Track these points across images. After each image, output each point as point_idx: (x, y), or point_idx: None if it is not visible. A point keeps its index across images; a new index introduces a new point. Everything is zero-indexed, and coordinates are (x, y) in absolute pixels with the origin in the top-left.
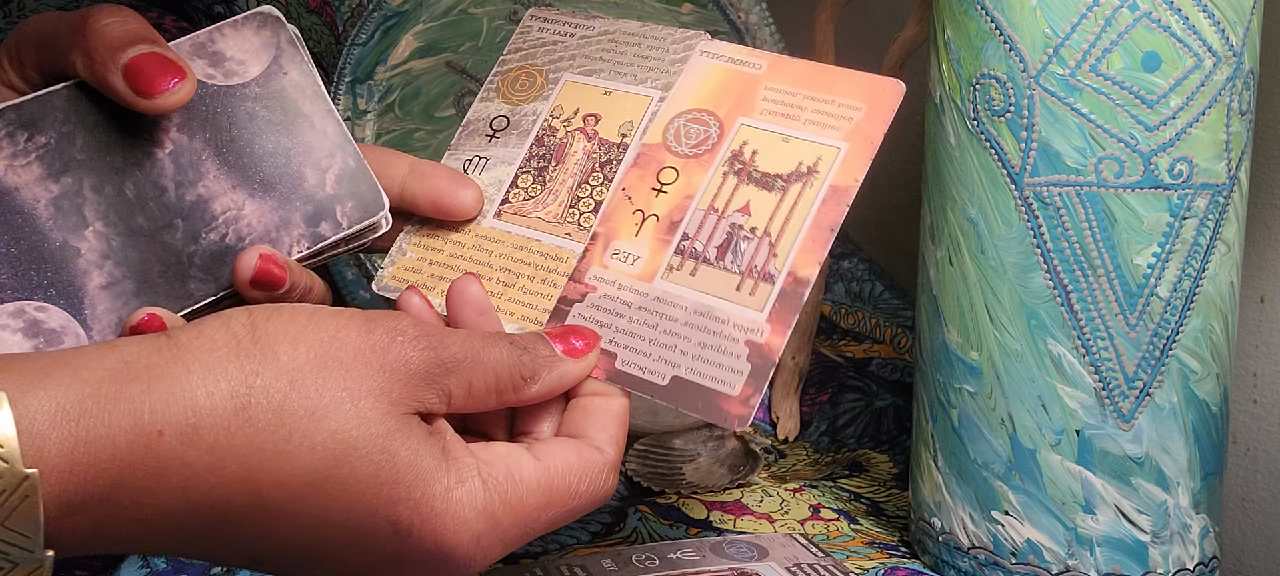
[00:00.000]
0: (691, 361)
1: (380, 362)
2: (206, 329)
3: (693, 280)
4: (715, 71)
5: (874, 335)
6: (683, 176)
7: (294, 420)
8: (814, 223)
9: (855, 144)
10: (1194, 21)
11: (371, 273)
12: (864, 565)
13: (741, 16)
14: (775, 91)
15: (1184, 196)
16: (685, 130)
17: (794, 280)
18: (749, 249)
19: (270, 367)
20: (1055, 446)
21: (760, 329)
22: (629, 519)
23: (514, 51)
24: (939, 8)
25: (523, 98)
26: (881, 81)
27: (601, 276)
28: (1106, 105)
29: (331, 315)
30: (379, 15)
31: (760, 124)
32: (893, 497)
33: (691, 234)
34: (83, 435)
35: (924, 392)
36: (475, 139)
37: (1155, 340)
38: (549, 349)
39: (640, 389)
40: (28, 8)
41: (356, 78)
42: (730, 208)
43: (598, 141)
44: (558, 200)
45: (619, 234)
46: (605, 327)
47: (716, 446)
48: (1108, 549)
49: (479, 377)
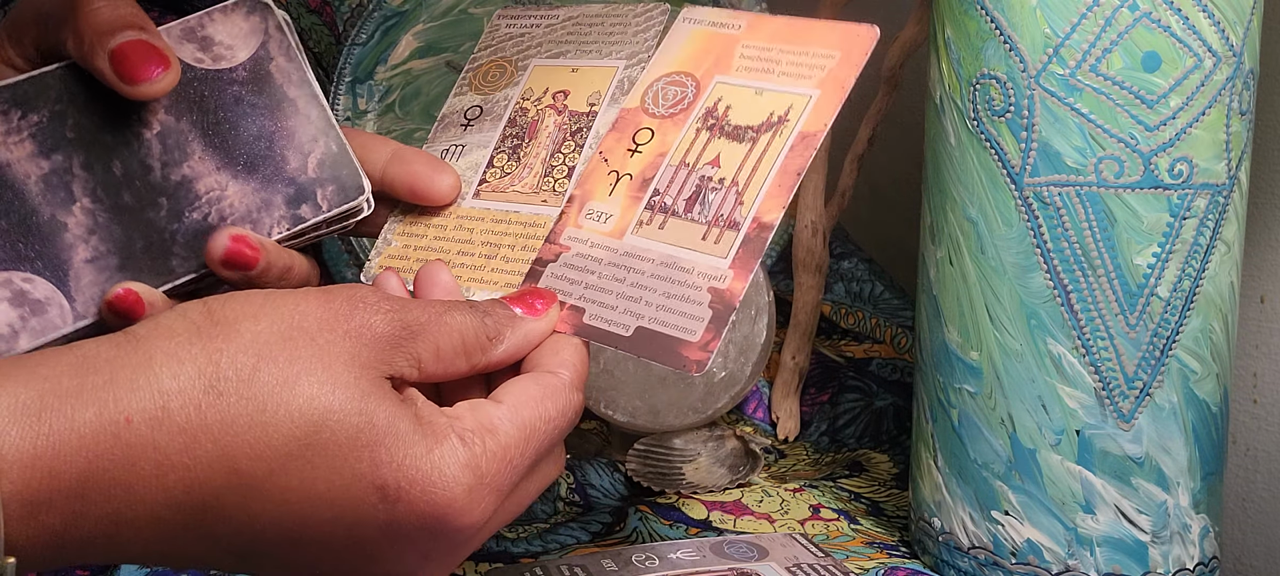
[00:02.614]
0: (655, 311)
1: (345, 328)
2: (163, 321)
3: (661, 233)
4: (696, 35)
5: (874, 335)
6: (658, 136)
7: (266, 391)
8: (780, 168)
9: (826, 90)
10: (1194, 21)
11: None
12: (864, 565)
13: None
14: (752, 48)
15: (1184, 196)
16: (663, 93)
17: (758, 225)
18: (717, 199)
19: (234, 343)
20: (1055, 446)
21: (723, 275)
22: (629, 519)
23: (484, 49)
24: (939, 8)
25: (494, 87)
26: (855, 28)
27: (575, 236)
28: (1106, 105)
29: (288, 293)
30: (379, 15)
31: (736, 80)
32: (893, 497)
33: (662, 189)
34: (45, 429)
35: (924, 392)
36: (451, 130)
37: (1155, 340)
38: (508, 310)
39: (605, 341)
40: None
41: (356, 78)
42: (701, 161)
43: (567, 114)
44: (532, 172)
45: (594, 195)
46: (575, 285)
47: (716, 446)
48: (1108, 549)
49: (445, 339)
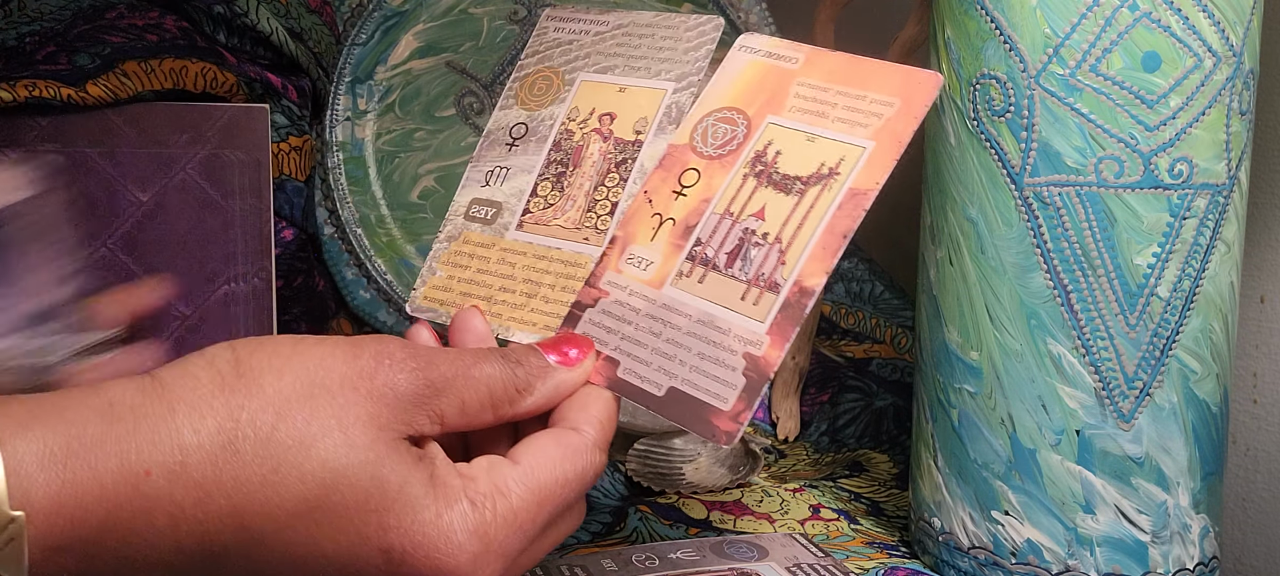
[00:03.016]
0: (689, 372)
1: (368, 388)
2: (190, 366)
3: (700, 287)
4: (751, 67)
5: (874, 335)
6: (704, 178)
7: (282, 451)
8: (826, 229)
9: (882, 143)
10: (1194, 21)
11: (370, 273)
12: (864, 565)
13: (741, 16)
14: (808, 87)
15: (1184, 196)
16: (713, 130)
17: (799, 290)
18: (759, 256)
19: (256, 399)
20: (1055, 446)
21: (759, 341)
22: (629, 519)
23: (531, 55)
24: (939, 8)
25: (540, 102)
26: (918, 74)
27: (615, 281)
28: (1106, 105)
29: (316, 343)
30: (379, 15)
31: (788, 122)
32: (893, 497)
33: (704, 239)
34: (70, 477)
35: (924, 392)
36: (496, 149)
37: (1155, 340)
38: (542, 359)
39: (637, 398)
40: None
41: (356, 78)
42: (745, 212)
43: (613, 141)
44: (576, 205)
45: (636, 238)
46: (612, 334)
47: (716, 446)
48: (1108, 549)
49: (471, 394)
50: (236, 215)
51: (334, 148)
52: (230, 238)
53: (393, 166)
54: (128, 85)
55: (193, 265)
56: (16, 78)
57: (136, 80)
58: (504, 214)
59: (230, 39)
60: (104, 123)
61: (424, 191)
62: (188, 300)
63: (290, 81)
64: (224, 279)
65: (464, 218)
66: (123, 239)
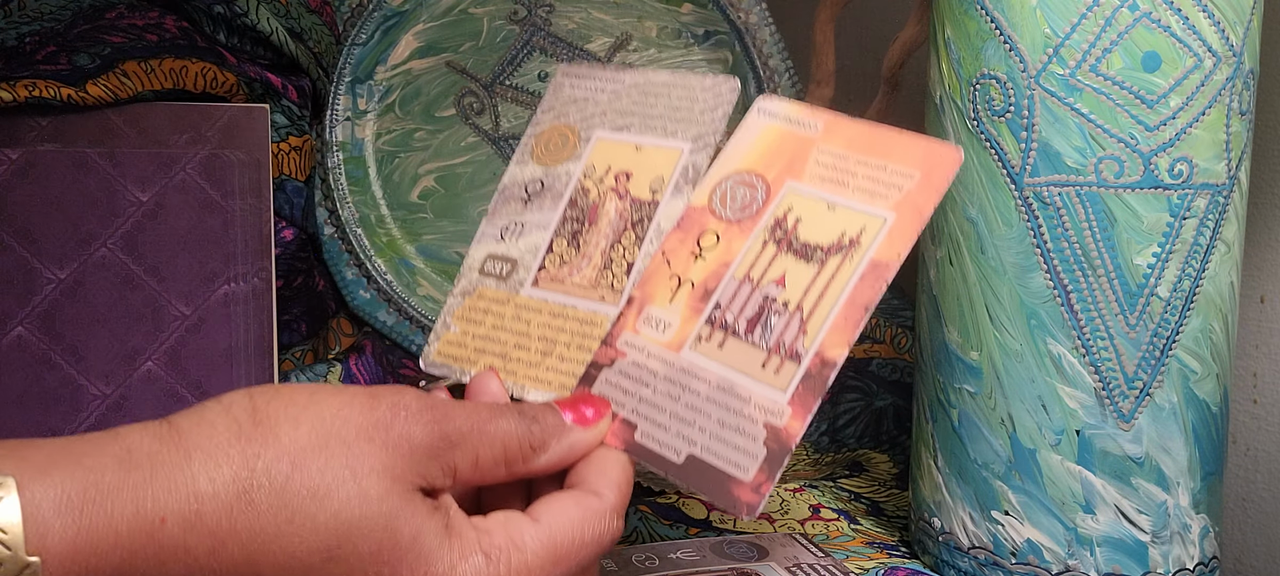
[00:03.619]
0: (708, 440)
1: (383, 438)
2: (207, 414)
3: (720, 353)
4: (770, 131)
5: (874, 335)
6: (723, 242)
7: (297, 501)
8: (848, 300)
9: (903, 215)
10: (1194, 21)
11: (370, 272)
12: (864, 565)
13: (741, 16)
14: (828, 154)
15: (1184, 196)
16: (732, 193)
17: (821, 361)
18: (779, 324)
19: (272, 448)
20: (1055, 446)
21: (781, 411)
22: (629, 519)
23: (547, 110)
24: (939, 8)
25: (556, 158)
26: (939, 147)
27: (632, 342)
28: (1106, 105)
29: (333, 392)
30: (379, 15)
31: (808, 189)
32: (893, 497)
33: (724, 304)
34: (86, 523)
35: (924, 392)
36: (511, 204)
37: (1155, 340)
38: (558, 418)
39: (655, 464)
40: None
41: (356, 78)
42: (766, 278)
43: (629, 200)
44: (592, 264)
45: (654, 299)
46: (629, 396)
47: None
48: (1108, 549)
49: (485, 449)
50: (236, 215)
51: (334, 148)
52: (230, 238)
53: (393, 166)
54: (128, 85)
55: (193, 265)
56: (16, 78)
57: (136, 80)
58: (519, 270)
59: (230, 39)
60: (104, 123)
61: (424, 191)
62: (188, 300)
63: (290, 81)
64: (224, 279)
65: (479, 273)
66: (123, 239)
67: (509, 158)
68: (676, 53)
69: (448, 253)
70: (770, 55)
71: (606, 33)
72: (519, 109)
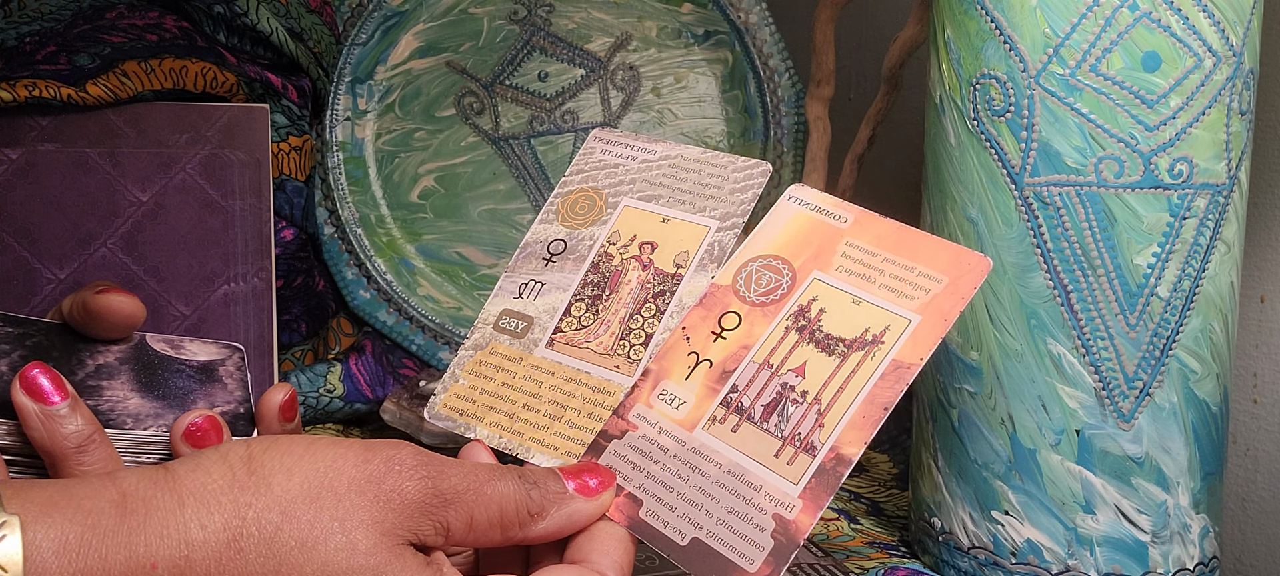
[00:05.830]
0: (715, 525)
1: (375, 492)
2: (203, 461)
3: (733, 436)
4: (799, 218)
5: None
6: (744, 324)
7: (284, 551)
8: (867, 398)
9: (928, 318)
10: (1194, 21)
11: (370, 272)
12: (864, 565)
13: (741, 16)
14: (856, 248)
15: (1184, 196)
16: (757, 276)
17: (835, 457)
18: (796, 414)
19: (263, 498)
20: (1055, 446)
21: (791, 504)
22: None
23: (576, 173)
24: (939, 8)
25: (581, 221)
26: (969, 256)
27: (644, 415)
28: (1106, 105)
29: (330, 444)
30: (379, 15)
31: (834, 281)
32: (893, 497)
33: (741, 387)
34: (82, 566)
35: (924, 392)
36: (532, 262)
37: (1155, 340)
38: (560, 485)
39: (659, 544)
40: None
41: (356, 78)
42: (785, 366)
43: (652, 271)
44: (609, 331)
45: (670, 374)
46: (637, 470)
47: None
48: (1108, 549)
49: (481, 511)
50: (236, 215)
51: (334, 148)
52: (230, 237)
53: (393, 166)
54: (128, 85)
55: (193, 265)
56: (16, 78)
57: (136, 80)
58: (534, 329)
59: (230, 39)
60: (104, 123)
61: (424, 191)
62: (188, 300)
63: (290, 81)
64: (224, 279)
65: (493, 327)
66: (123, 239)
67: (509, 157)
68: (676, 53)
69: (447, 252)
70: (770, 55)
71: (606, 32)
72: (519, 109)
